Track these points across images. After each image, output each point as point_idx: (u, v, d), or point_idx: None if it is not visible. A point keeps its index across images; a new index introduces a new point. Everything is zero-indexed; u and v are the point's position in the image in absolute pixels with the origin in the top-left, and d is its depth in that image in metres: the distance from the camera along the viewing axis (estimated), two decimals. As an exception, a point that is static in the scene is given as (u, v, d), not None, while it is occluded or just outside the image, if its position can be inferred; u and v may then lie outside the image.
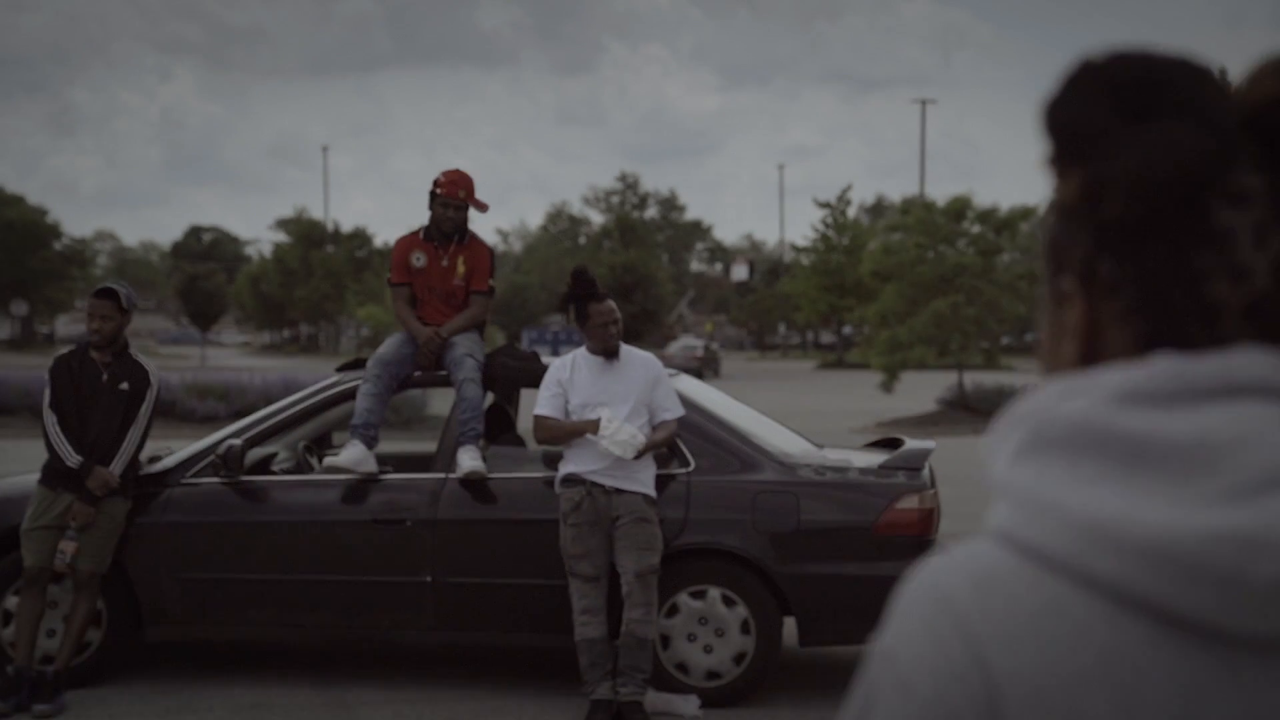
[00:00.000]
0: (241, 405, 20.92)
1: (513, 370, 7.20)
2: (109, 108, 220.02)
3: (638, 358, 6.56)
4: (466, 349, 7.07)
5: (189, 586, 6.78)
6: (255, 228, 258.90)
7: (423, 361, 7.15)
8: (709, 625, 6.52)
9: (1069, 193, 0.92)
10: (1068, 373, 0.94)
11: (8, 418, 20.88)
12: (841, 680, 6.58)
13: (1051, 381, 0.92)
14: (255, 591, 6.78)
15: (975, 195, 27.03)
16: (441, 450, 6.91)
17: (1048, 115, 0.92)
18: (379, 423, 6.95)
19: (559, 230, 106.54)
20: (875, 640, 0.92)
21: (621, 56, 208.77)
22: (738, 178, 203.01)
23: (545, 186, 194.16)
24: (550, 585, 6.46)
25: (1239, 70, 0.93)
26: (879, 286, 28.56)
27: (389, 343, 7.25)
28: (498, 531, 6.68)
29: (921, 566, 0.92)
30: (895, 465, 6.63)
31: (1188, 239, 0.89)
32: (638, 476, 6.33)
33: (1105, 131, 0.89)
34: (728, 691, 6.49)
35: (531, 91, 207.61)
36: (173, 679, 6.90)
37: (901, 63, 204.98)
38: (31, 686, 6.36)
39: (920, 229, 26.31)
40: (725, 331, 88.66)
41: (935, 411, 24.83)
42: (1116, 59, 0.91)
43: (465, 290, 7.33)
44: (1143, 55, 0.91)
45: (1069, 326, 0.94)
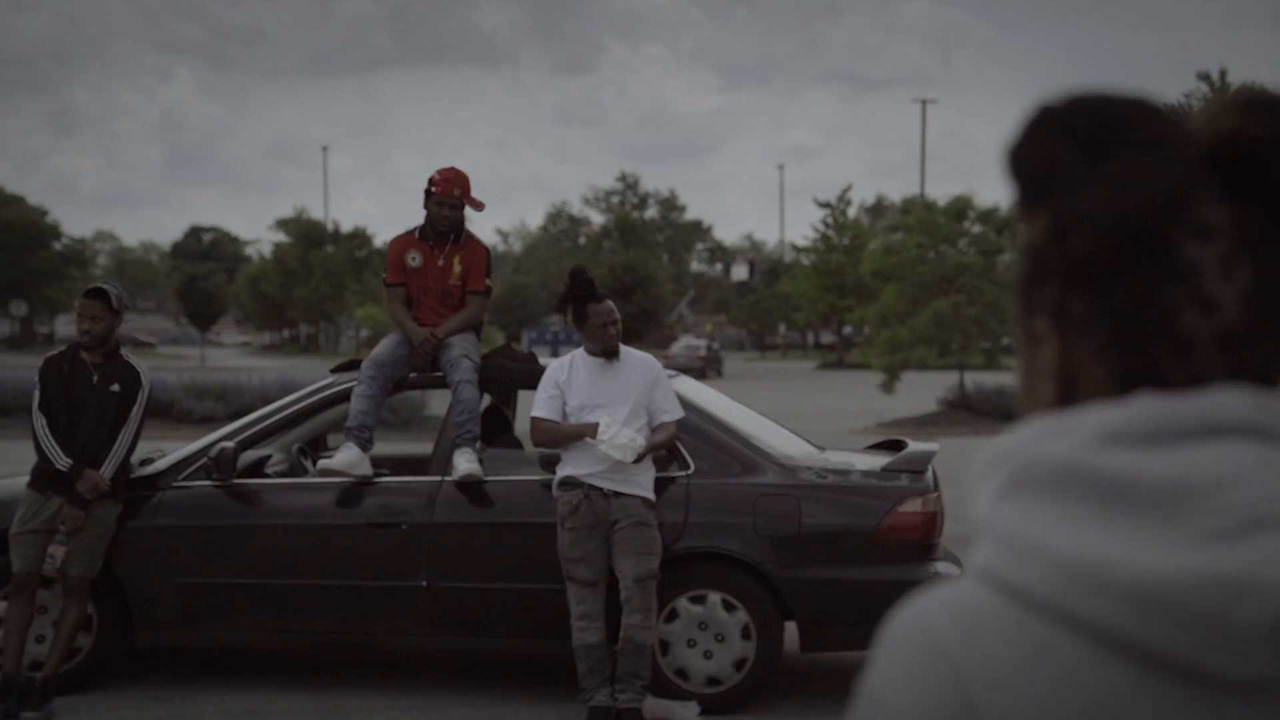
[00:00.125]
0: (239, 406, 20.81)
1: (510, 371, 7.13)
2: (109, 108, 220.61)
3: (636, 359, 6.49)
4: (463, 350, 6.99)
5: (181, 591, 6.70)
6: (255, 228, 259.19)
7: (418, 363, 7.07)
8: (709, 630, 6.44)
9: (1036, 234, 0.93)
10: (1046, 413, 0.94)
11: (6, 419, 20.76)
12: (844, 686, 6.51)
13: (1032, 421, 0.92)
14: (248, 596, 6.71)
15: (976, 195, 27.02)
16: (437, 453, 6.83)
17: (1010, 160, 0.93)
18: (374, 425, 6.88)
19: (559, 230, 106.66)
20: (862, 680, 0.92)
21: (621, 56, 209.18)
22: (738, 178, 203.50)
23: (545, 186, 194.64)
24: (548, 590, 6.39)
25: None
26: (879, 286, 28.53)
27: (384, 344, 7.17)
28: (494, 535, 6.61)
29: (907, 605, 0.93)
30: (898, 468, 6.57)
31: (1155, 273, 0.90)
32: (636, 480, 6.26)
33: (1067, 171, 0.90)
34: (728, 698, 6.42)
35: (531, 91, 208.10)
36: (164, 685, 6.83)
37: (901, 63, 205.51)
38: (20, 693, 6.29)
39: (921, 229, 26.29)
40: (725, 332, 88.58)
41: (936, 412, 24.84)
42: (1074, 101, 0.92)
43: (461, 290, 7.26)
44: (1100, 96, 0.92)
45: (1044, 367, 0.95)
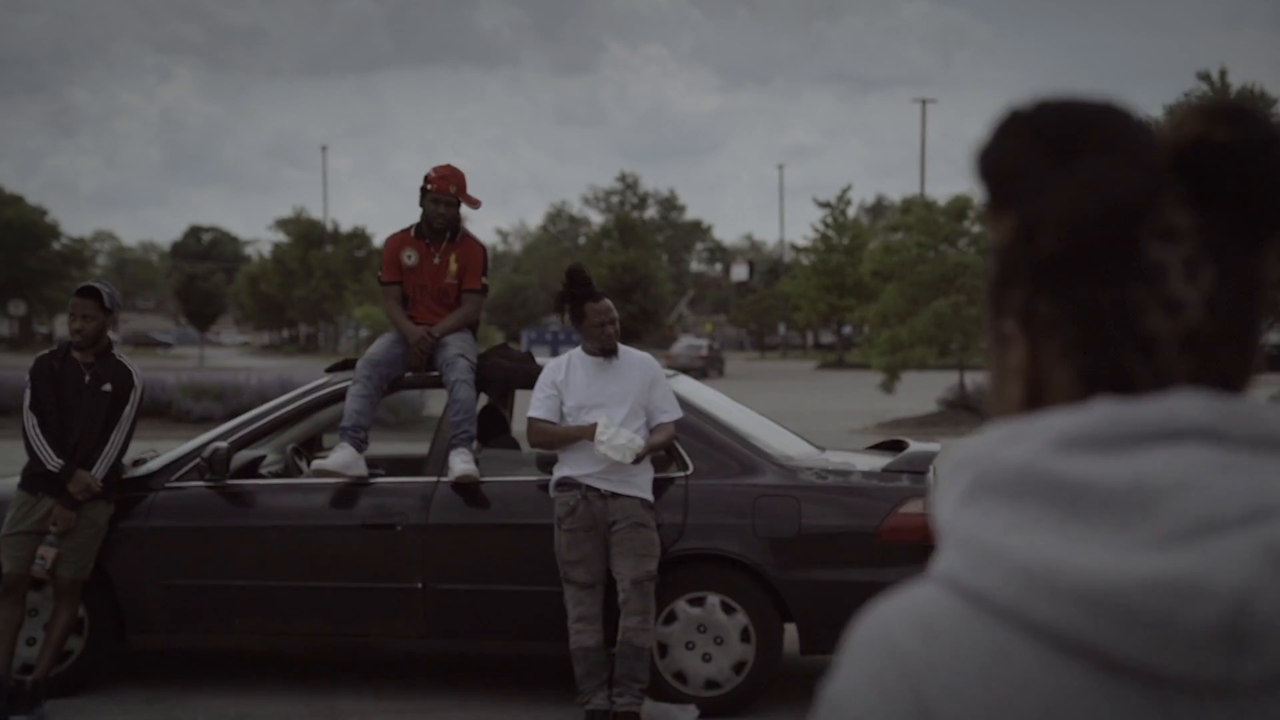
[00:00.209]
0: (237, 406, 20.73)
1: (506, 371, 7.07)
2: (109, 108, 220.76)
3: (635, 358, 6.42)
4: (459, 349, 6.92)
5: (173, 593, 6.64)
6: (254, 228, 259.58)
7: (414, 362, 7.00)
8: (708, 633, 6.38)
9: (1004, 235, 0.95)
10: (1014, 415, 0.96)
11: (4, 419, 20.70)
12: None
13: (995, 425, 0.94)
14: (241, 598, 6.65)
15: (976, 195, 26.94)
16: (433, 453, 6.76)
17: (979, 162, 0.94)
18: (369, 425, 6.81)
19: (559, 230, 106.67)
20: (824, 685, 0.94)
21: (621, 56, 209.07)
22: (737, 178, 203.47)
23: (545, 186, 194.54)
24: (545, 592, 6.33)
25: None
26: (879, 286, 28.48)
27: (379, 343, 7.10)
28: (491, 537, 6.55)
29: (870, 611, 0.94)
30: (899, 469, 6.51)
31: (1120, 274, 0.91)
32: (634, 480, 6.19)
33: (1034, 172, 0.92)
34: (727, 701, 6.36)
35: (531, 91, 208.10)
36: (156, 688, 6.76)
37: (901, 63, 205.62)
38: (10, 696, 6.23)
39: (921, 228, 26.22)
40: (725, 331, 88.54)
41: (936, 412, 24.79)
42: (1042, 105, 0.94)
43: (458, 289, 7.19)
44: (1068, 100, 0.93)
45: (1012, 369, 0.96)
